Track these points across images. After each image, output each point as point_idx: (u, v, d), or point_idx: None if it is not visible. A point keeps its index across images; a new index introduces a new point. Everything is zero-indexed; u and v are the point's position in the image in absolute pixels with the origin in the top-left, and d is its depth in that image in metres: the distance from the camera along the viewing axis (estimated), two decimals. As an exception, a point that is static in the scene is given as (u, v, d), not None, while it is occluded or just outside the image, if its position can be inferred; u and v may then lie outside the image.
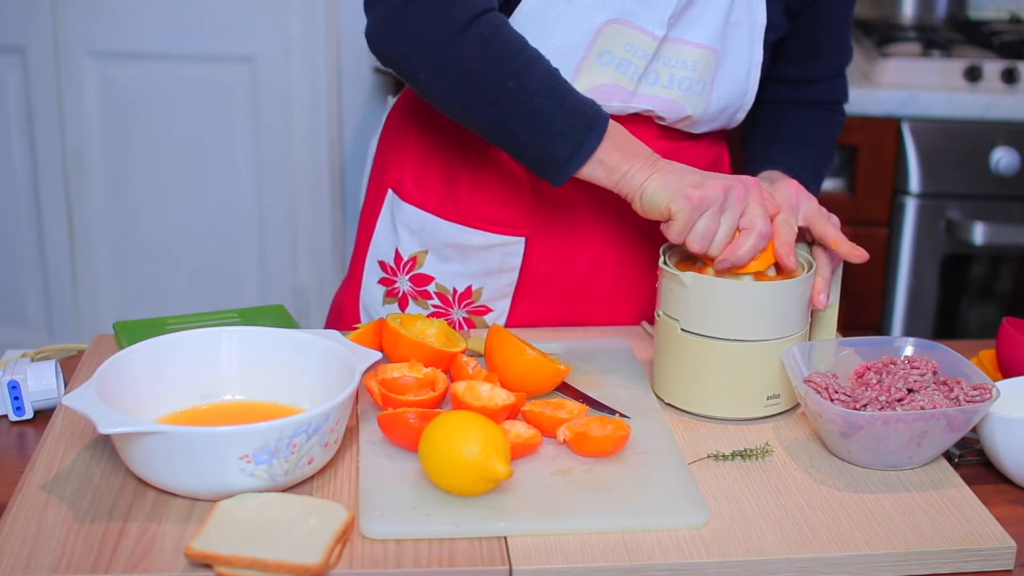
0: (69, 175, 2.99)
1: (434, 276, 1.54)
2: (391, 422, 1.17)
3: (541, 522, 1.07)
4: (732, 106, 1.48)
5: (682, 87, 1.43)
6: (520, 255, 1.51)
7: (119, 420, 1.06)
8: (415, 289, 1.55)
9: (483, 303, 1.55)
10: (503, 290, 1.54)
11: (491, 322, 1.55)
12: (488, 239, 1.51)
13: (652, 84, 1.42)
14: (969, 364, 1.24)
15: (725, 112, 1.48)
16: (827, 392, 1.21)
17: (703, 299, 1.25)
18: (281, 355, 1.25)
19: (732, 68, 1.44)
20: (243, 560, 1.00)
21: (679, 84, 1.42)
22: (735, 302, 1.25)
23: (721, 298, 1.25)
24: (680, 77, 1.42)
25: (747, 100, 1.48)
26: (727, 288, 1.25)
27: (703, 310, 1.26)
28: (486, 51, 1.28)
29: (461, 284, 1.54)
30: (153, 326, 1.42)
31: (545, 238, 1.51)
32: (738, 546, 1.07)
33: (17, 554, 1.03)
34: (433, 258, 1.54)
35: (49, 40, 2.90)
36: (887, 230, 2.49)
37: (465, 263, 1.52)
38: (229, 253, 3.07)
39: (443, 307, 1.55)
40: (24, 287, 3.09)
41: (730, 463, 1.20)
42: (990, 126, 2.43)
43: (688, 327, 1.27)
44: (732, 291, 1.25)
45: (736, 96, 1.47)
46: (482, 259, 1.52)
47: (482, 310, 1.55)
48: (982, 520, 1.11)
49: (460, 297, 1.54)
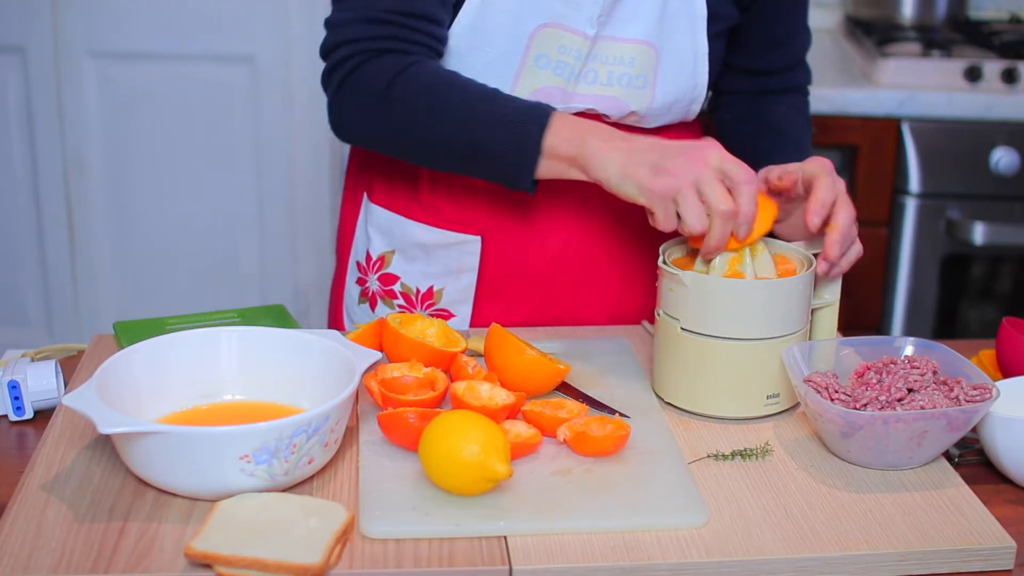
0: (69, 175, 2.99)
1: (399, 276, 1.56)
2: (391, 422, 1.17)
3: (541, 522, 1.08)
4: (682, 99, 1.48)
5: (622, 83, 1.44)
6: (477, 254, 1.53)
7: (119, 420, 1.06)
8: (383, 288, 1.58)
9: (444, 306, 1.56)
10: (463, 292, 1.55)
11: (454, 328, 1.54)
12: (445, 237, 1.52)
13: (591, 83, 1.44)
14: (969, 364, 1.24)
15: (676, 105, 1.48)
16: (827, 392, 1.21)
17: (703, 298, 1.25)
18: (281, 355, 1.25)
19: (675, 61, 1.45)
20: (243, 560, 1.00)
21: (619, 81, 1.44)
22: (735, 301, 1.25)
23: (721, 297, 1.25)
24: (619, 74, 1.44)
25: (698, 93, 1.49)
26: (727, 287, 1.25)
27: (703, 309, 1.26)
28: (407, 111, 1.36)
29: (424, 284, 1.56)
30: (153, 326, 1.42)
31: (502, 237, 1.52)
32: (738, 546, 1.07)
33: (17, 554, 1.03)
34: (400, 258, 1.56)
35: (49, 40, 2.90)
36: (887, 230, 2.49)
37: (428, 262, 1.55)
38: (229, 253, 3.07)
39: (407, 307, 1.57)
40: (24, 287, 3.09)
41: (730, 463, 1.20)
42: (990, 126, 2.42)
43: (688, 326, 1.27)
44: (732, 290, 1.25)
45: (684, 89, 1.47)
46: (442, 258, 1.54)
47: (444, 314, 1.56)
48: (982, 520, 1.11)
49: (423, 297, 1.56)
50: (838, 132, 2.44)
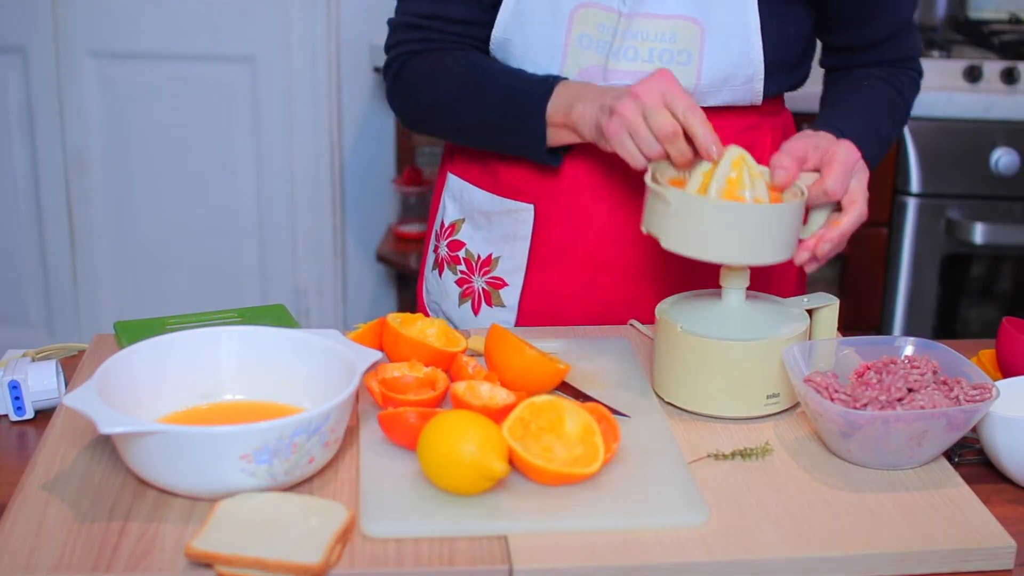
0: (69, 175, 2.99)
1: (466, 242, 1.62)
2: (391, 421, 1.17)
3: (541, 521, 1.08)
4: (736, 76, 1.47)
5: (663, 60, 1.44)
6: (530, 223, 1.55)
7: (119, 420, 1.06)
8: (450, 254, 1.63)
9: (499, 274, 1.59)
10: (517, 261, 1.57)
11: (506, 298, 1.59)
12: (504, 204, 1.57)
13: (631, 60, 1.45)
14: (969, 364, 1.24)
15: (730, 83, 1.47)
16: (827, 392, 1.21)
17: (685, 218, 1.24)
18: (281, 355, 1.25)
19: (722, 37, 1.44)
20: (243, 560, 1.00)
21: (659, 57, 1.44)
22: (716, 222, 1.23)
23: (701, 217, 1.23)
24: (660, 50, 1.44)
25: (754, 69, 1.47)
26: (709, 208, 1.24)
27: (684, 229, 1.24)
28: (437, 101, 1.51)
29: (484, 251, 1.60)
30: (153, 326, 1.42)
31: (552, 207, 1.54)
32: (738, 545, 1.07)
33: (17, 554, 1.03)
34: (468, 225, 1.62)
35: (49, 40, 2.90)
36: (887, 230, 2.49)
37: (489, 229, 1.59)
38: (229, 253, 3.08)
39: (467, 273, 1.62)
40: (25, 287, 3.09)
41: (730, 462, 1.20)
42: (990, 126, 2.43)
43: (670, 245, 1.26)
44: (713, 211, 1.24)
45: (736, 65, 1.46)
46: (501, 225, 1.58)
47: (498, 283, 1.59)
48: (982, 519, 1.11)
49: (481, 264, 1.60)
50: (838, 132, 2.44)
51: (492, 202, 1.58)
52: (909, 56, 1.58)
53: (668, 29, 1.44)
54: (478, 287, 1.60)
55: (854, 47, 1.57)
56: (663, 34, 1.44)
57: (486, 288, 1.60)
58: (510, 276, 1.58)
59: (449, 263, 1.64)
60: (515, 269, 1.58)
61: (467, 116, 1.50)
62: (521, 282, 1.58)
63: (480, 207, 1.60)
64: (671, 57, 1.44)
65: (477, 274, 1.61)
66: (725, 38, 1.45)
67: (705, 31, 1.44)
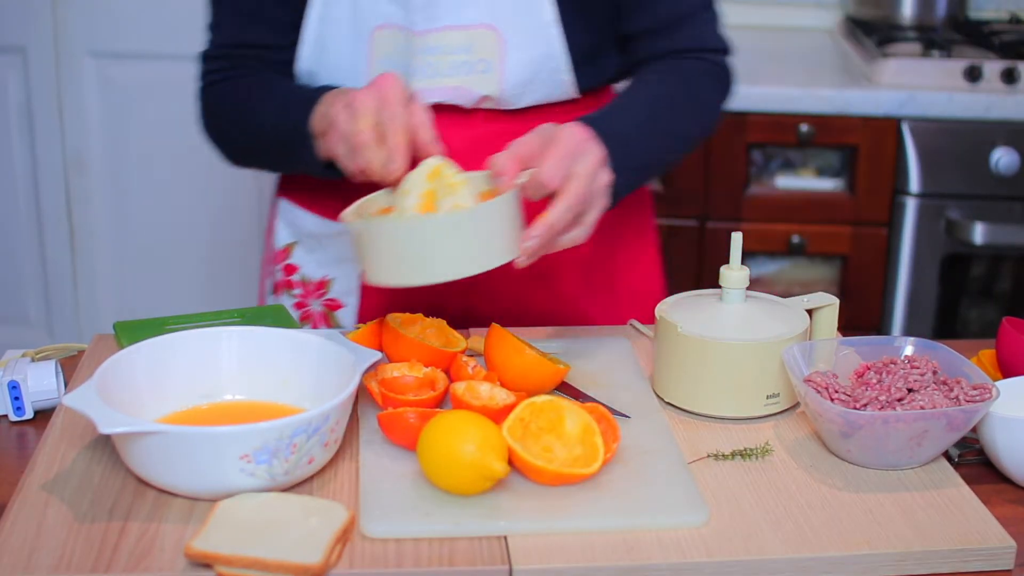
0: (69, 175, 2.99)
1: (299, 266, 1.60)
2: (391, 422, 1.17)
3: (541, 522, 1.08)
4: (540, 73, 1.44)
5: (463, 71, 1.43)
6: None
7: (119, 420, 1.06)
8: (285, 278, 1.62)
9: (334, 296, 1.58)
10: (351, 283, 1.57)
11: (342, 320, 1.58)
12: (333, 227, 1.54)
13: (431, 76, 1.43)
14: (969, 364, 1.24)
15: (536, 81, 1.44)
16: (827, 392, 1.21)
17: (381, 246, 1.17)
18: (281, 355, 1.25)
19: (520, 37, 1.42)
20: (243, 560, 1.00)
21: (459, 69, 1.43)
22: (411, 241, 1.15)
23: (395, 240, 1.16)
24: (460, 62, 1.42)
25: (558, 64, 1.44)
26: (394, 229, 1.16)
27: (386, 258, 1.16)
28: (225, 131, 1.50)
29: (317, 273, 1.59)
30: (153, 326, 1.42)
31: None
32: (738, 546, 1.07)
33: (17, 554, 1.03)
34: (300, 249, 1.61)
35: (49, 40, 2.90)
36: (887, 230, 2.49)
37: (322, 251, 1.59)
38: (229, 253, 3.07)
39: (304, 297, 1.61)
40: (24, 287, 3.09)
41: (730, 462, 1.20)
42: (990, 126, 2.43)
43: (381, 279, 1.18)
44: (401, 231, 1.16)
45: (539, 62, 1.44)
46: (332, 247, 1.57)
47: (335, 304, 1.59)
48: (982, 520, 1.11)
49: (316, 287, 1.59)
50: (838, 132, 2.44)
51: (322, 225, 1.57)
52: (699, 47, 1.48)
53: (464, 40, 1.42)
54: (315, 310, 1.60)
55: (635, 34, 1.48)
56: (459, 46, 1.42)
57: (323, 311, 1.59)
58: (345, 298, 1.58)
59: (285, 287, 1.62)
60: (349, 291, 1.57)
61: (252, 139, 1.46)
62: (356, 303, 1.58)
63: (311, 230, 1.58)
64: (470, 68, 1.42)
65: (313, 297, 1.60)
66: (523, 39, 1.42)
67: (502, 36, 1.42)
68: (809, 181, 2.51)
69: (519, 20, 1.42)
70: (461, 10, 1.41)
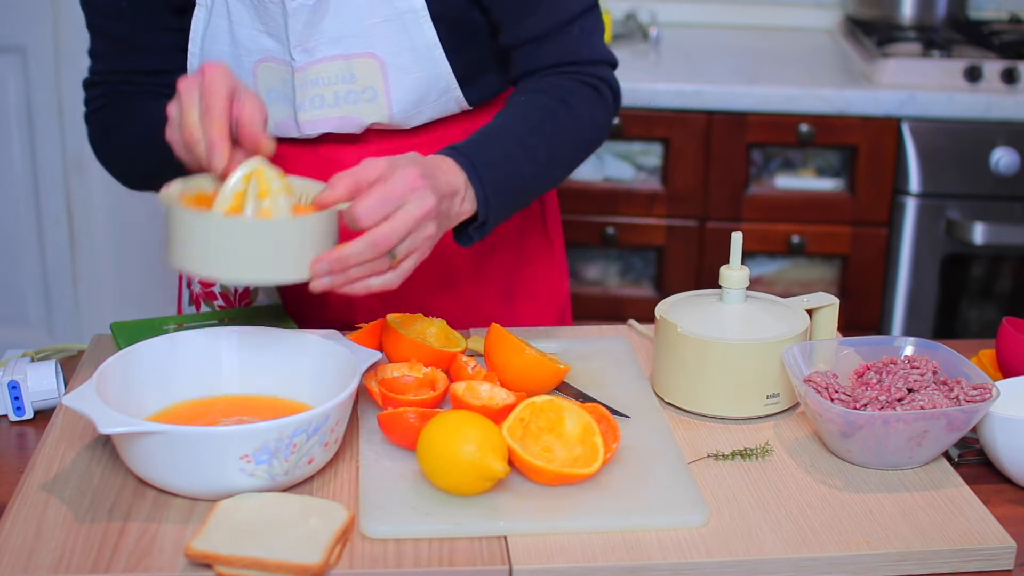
0: (69, 175, 2.99)
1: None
2: (391, 422, 1.17)
3: (541, 522, 1.07)
4: (430, 93, 1.41)
5: (349, 100, 1.40)
6: None
7: (119, 420, 1.06)
8: (204, 290, 1.58)
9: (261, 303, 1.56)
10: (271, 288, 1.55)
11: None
12: None
13: (318, 107, 1.40)
14: (969, 364, 1.24)
15: (424, 101, 1.41)
16: (827, 392, 1.21)
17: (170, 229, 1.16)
18: (281, 355, 1.25)
19: (404, 62, 1.39)
20: (243, 560, 1.00)
21: (345, 99, 1.40)
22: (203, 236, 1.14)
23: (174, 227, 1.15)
24: (345, 92, 1.39)
25: (446, 83, 1.41)
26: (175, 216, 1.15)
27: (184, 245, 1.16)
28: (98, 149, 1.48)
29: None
30: (150, 327, 1.42)
31: None
32: (738, 546, 1.07)
33: (17, 554, 1.03)
34: None
35: (49, 40, 2.90)
36: (887, 230, 2.49)
37: None
38: (229, 253, 3.07)
39: (226, 307, 1.57)
40: (24, 287, 3.09)
41: (730, 463, 1.20)
42: (990, 126, 2.43)
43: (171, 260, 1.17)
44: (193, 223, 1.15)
45: (425, 83, 1.40)
46: None
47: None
48: (982, 520, 1.11)
49: (240, 296, 1.56)
50: (838, 132, 2.44)
51: None
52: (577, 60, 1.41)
53: (345, 70, 1.39)
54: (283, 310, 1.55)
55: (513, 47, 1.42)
56: (341, 76, 1.39)
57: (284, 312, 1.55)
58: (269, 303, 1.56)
59: (205, 298, 1.59)
60: (272, 294, 1.56)
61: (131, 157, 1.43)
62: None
63: None
64: (356, 96, 1.40)
65: (238, 305, 1.57)
66: (406, 63, 1.39)
67: (384, 63, 1.39)
68: (809, 181, 2.51)
69: (400, 46, 1.38)
70: (339, 41, 1.38)
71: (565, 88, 1.40)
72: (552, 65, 1.42)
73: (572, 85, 1.41)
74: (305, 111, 1.40)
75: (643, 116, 2.44)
